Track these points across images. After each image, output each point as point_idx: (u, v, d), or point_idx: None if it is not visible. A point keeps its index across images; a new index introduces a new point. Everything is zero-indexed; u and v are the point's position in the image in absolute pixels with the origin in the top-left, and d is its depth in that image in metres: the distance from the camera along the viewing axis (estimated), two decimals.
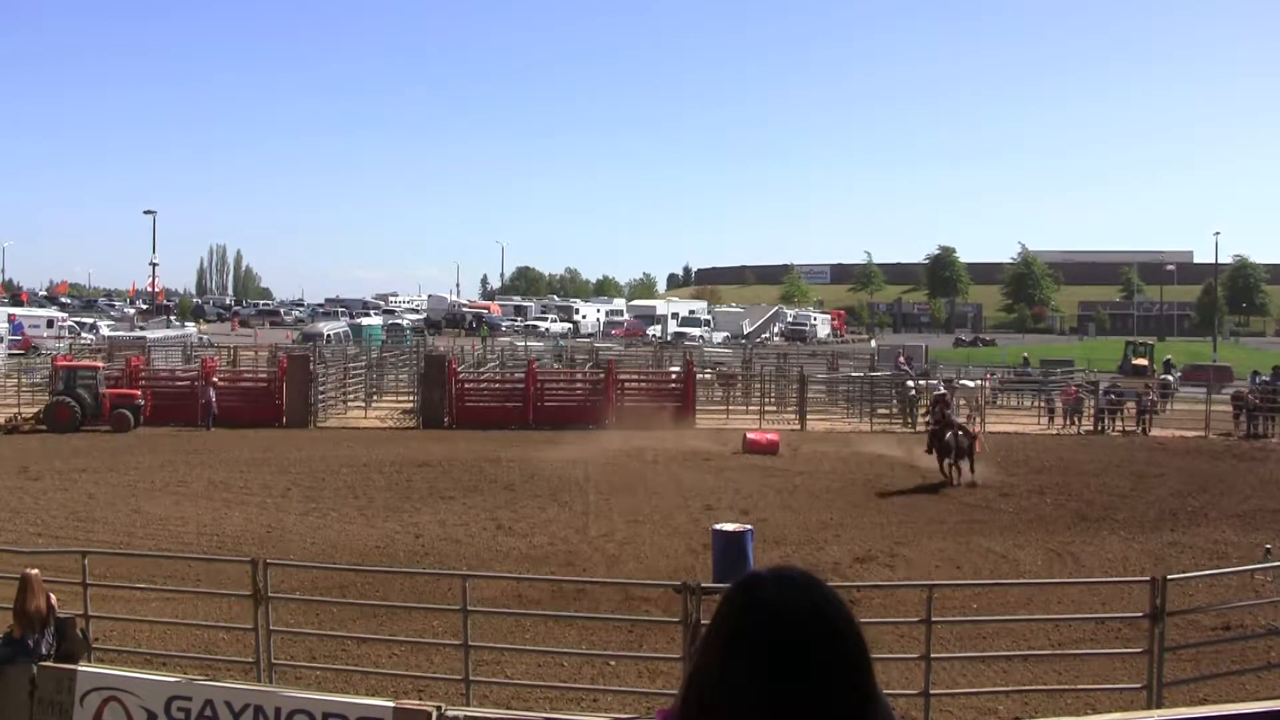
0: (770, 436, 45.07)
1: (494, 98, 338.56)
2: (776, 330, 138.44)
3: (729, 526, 24.61)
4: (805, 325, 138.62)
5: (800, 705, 2.44)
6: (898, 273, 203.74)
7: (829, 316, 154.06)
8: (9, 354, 76.15)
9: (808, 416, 53.39)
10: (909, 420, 54.78)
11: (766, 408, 56.24)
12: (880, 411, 56.10)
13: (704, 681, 2.53)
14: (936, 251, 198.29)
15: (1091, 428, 54.13)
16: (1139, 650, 16.38)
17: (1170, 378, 70.97)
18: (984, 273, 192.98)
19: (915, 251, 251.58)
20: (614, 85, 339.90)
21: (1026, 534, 29.31)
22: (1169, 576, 16.11)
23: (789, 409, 55.48)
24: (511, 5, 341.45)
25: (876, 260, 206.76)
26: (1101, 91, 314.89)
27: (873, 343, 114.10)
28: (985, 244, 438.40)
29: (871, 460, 41.67)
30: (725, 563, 23.16)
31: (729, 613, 2.57)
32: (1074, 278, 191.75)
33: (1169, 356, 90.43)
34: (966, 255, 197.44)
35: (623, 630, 19.96)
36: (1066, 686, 17.15)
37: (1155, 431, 53.21)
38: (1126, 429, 54.02)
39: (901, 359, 73.67)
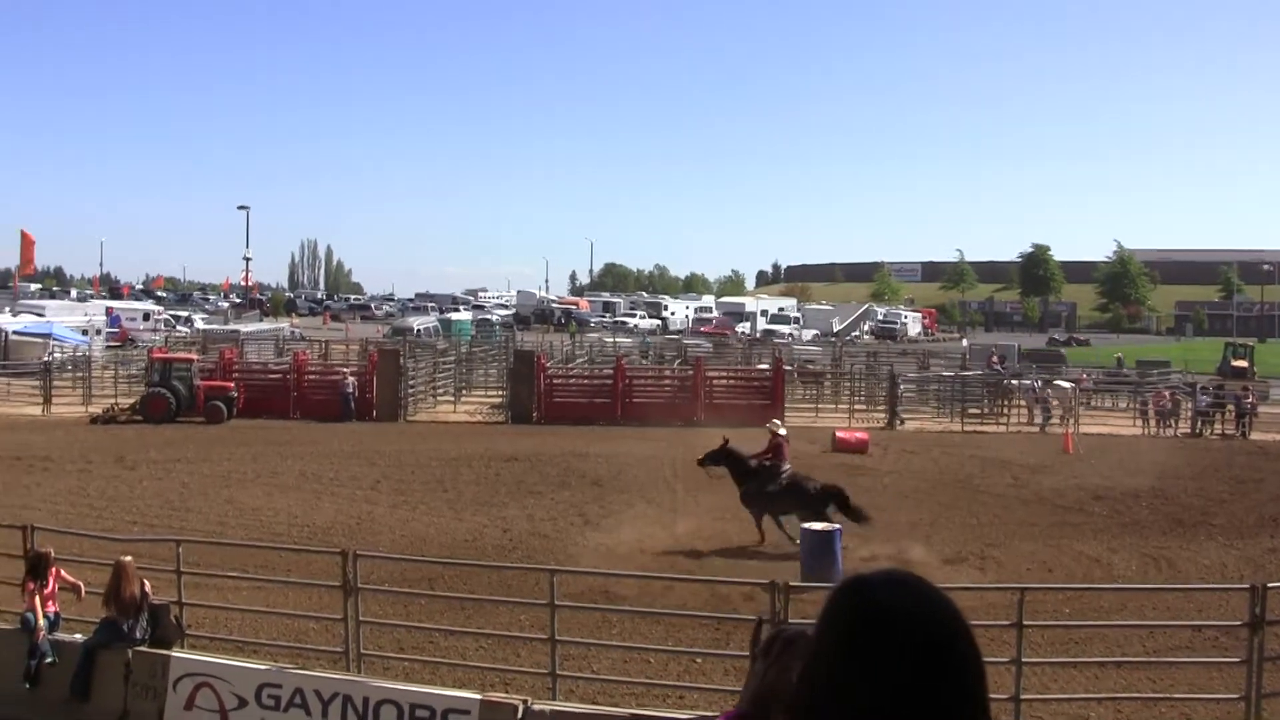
0: (860, 435, 44.81)
1: (584, 94, 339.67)
2: (866, 328, 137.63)
3: (817, 525, 24.53)
4: (895, 323, 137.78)
5: (916, 709, 2.42)
6: (990, 271, 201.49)
7: (920, 315, 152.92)
8: (106, 346, 77.09)
9: (898, 416, 53.02)
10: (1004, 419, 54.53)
11: (856, 406, 55.96)
12: (971, 411, 55.64)
13: (813, 685, 2.52)
14: (1030, 249, 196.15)
15: (1189, 431, 53.32)
16: (1237, 660, 16.13)
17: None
18: (1078, 271, 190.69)
19: (1008, 249, 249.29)
20: (704, 82, 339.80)
21: (1121, 538, 28.91)
22: (1269, 584, 15.83)
23: (879, 408, 55.17)
24: (597, 2, 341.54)
25: (969, 258, 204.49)
26: (1201, 86, 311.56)
27: (964, 341, 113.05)
28: (1080, 242, 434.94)
29: (963, 460, 41.31)
30: (813, 561, 23.09)
31: (839, 615, 2.55)
32: (1171, 277, 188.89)
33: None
34: (1060, 253, 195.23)
35: (709, 628, 19.88)
36: (1161, 695, 16.94)
37: (1255, 435, 52.38)
38: (1225, 432, 53.26)
39: (995, 358, 73.12)
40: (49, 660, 17.34)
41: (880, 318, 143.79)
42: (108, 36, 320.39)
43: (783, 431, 29.89)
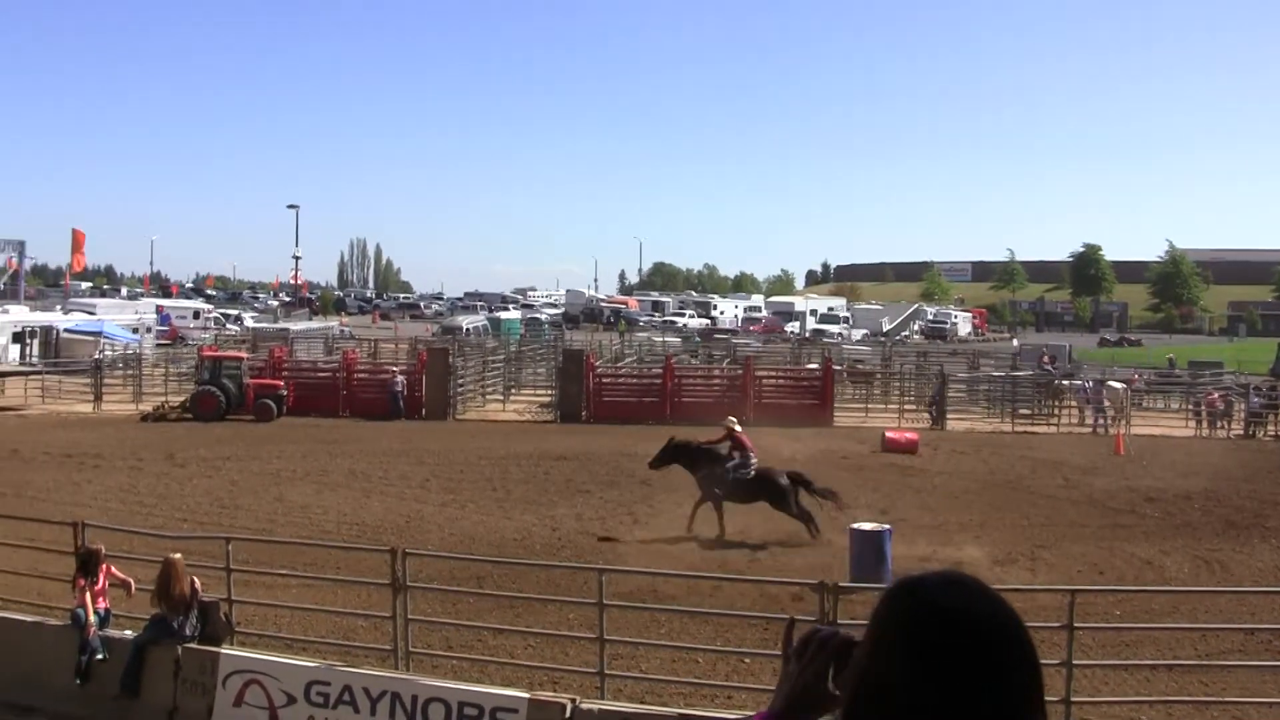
0: (909, 436, 44.62)
1: (633, 94, 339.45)
2: (916, 328, 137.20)
3: (867, 526, 24.42)
4: (946, 323, 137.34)
5: (973, 710, 2.38)
6: (1041, 270, 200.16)
7: (970, 314, 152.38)
8: (157, 344, 77.58)
9: (947, 416, 52.79)
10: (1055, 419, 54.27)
11: (906, 406, 55.76)
12: (1022, 412, 55.34)
13: (867, 685, 2.48)
14: (1081, 249, 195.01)
15: (1241, 432, 52.87)
16: None
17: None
18: (1130, 271, 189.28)
19: (1059, 249, 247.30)
20: (752, 82, 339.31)
21: (1173, 540, 28.69)
22: None
23: (931, 408, 54.94)
24: (649, 3, 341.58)
25: (1019, 257, 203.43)
26: (1255, 84, 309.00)
27: (1015, 341, 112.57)
28: (1131, 241, 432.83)
29: (1013, 461, 41.09)
30: (862, 562, 22.97)
31: (896, 616, 2.50)
32: (1223, 277, 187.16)
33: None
34: (1112, 253, 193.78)
35: (758, 628, 19.79)
36: (1213, 699, 16.79)
37: None
38: (1278, 434, 52.77)
39: (1046, 359, 72.75)
40: (99, 656, 17.43)
41: (930, 317, 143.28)
42: (157, 37, 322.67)
43: (738, 427, 30.44)
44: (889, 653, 2.46)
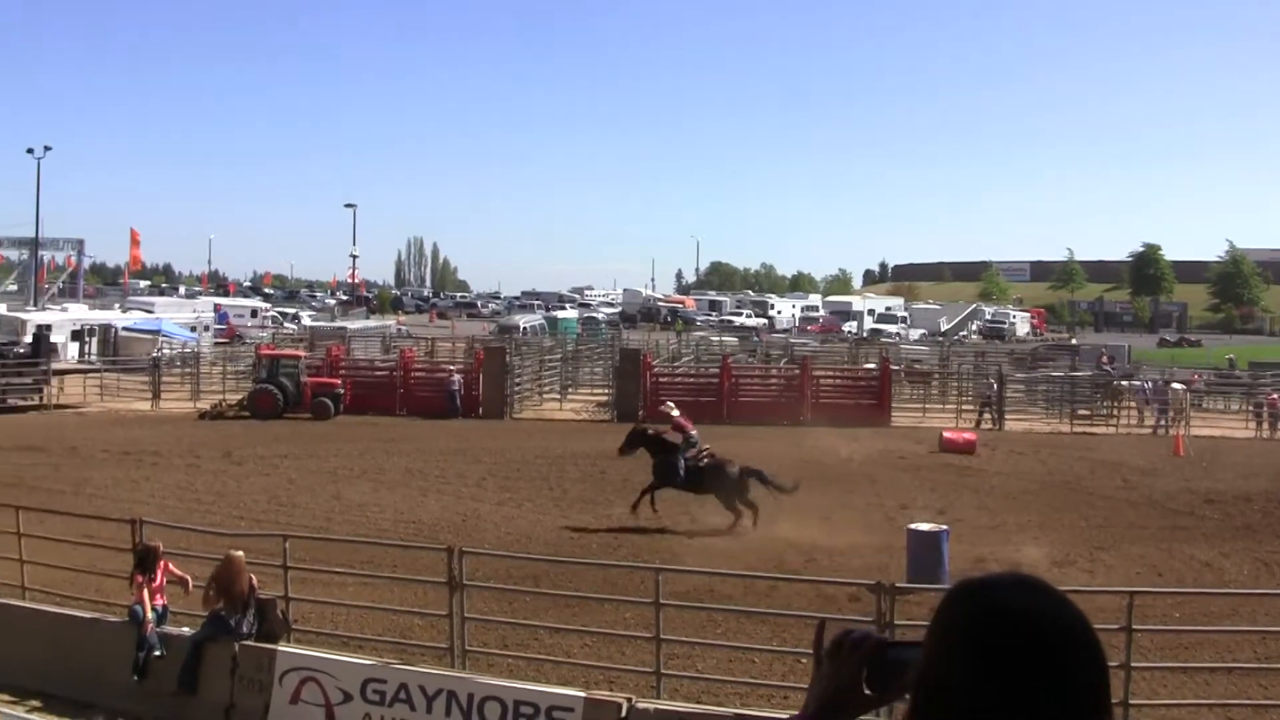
0: (967, 436, 44.42)
1: (690, 93, 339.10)
2: (974, 328, 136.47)
3: (924, 526, 24.30)
4: (1004, 323, 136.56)
5: (1040, 712, 2.34)
6: (1100, 270, 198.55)
7: (1028, 314, 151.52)
8: (215, 342, 78.06)
9: (1006, 416, 52.50)
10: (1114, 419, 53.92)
11: (964, 407, 55.49)
12: (1081, 413, 54.97)
13: (928, 687, 2.45)
14: (1140, 249, 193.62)
15: None
16: None
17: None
18: (1190, 271, 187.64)
19: (1118, 249, 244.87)
20: (811, 81, 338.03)
21: (1232, 542, 28.44)
22: None
23: (991, 409, 54.62)
24: (707, 2, 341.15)
25: (1078, 257, 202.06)
26: None
27: (1073, 341, 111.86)
28: (1191, 241, 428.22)
29: (1071, 462, 40.82)
30: (920, 563, 22.84)
31: (960, 616, 2.46)
32: None
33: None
34: (1172, 253, 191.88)
35: (814, 628, 19.70)
36: (1273, 702, 16.68)
37: None
38: None
39: (1104, 359, 72.32)
40: (156, 653, 17.55)
41: (988, 317, 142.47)
42: (215, 37, 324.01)
43: (675, 412, 32.80)
44: (952, 654, 2.42)
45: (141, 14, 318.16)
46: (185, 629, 18.15)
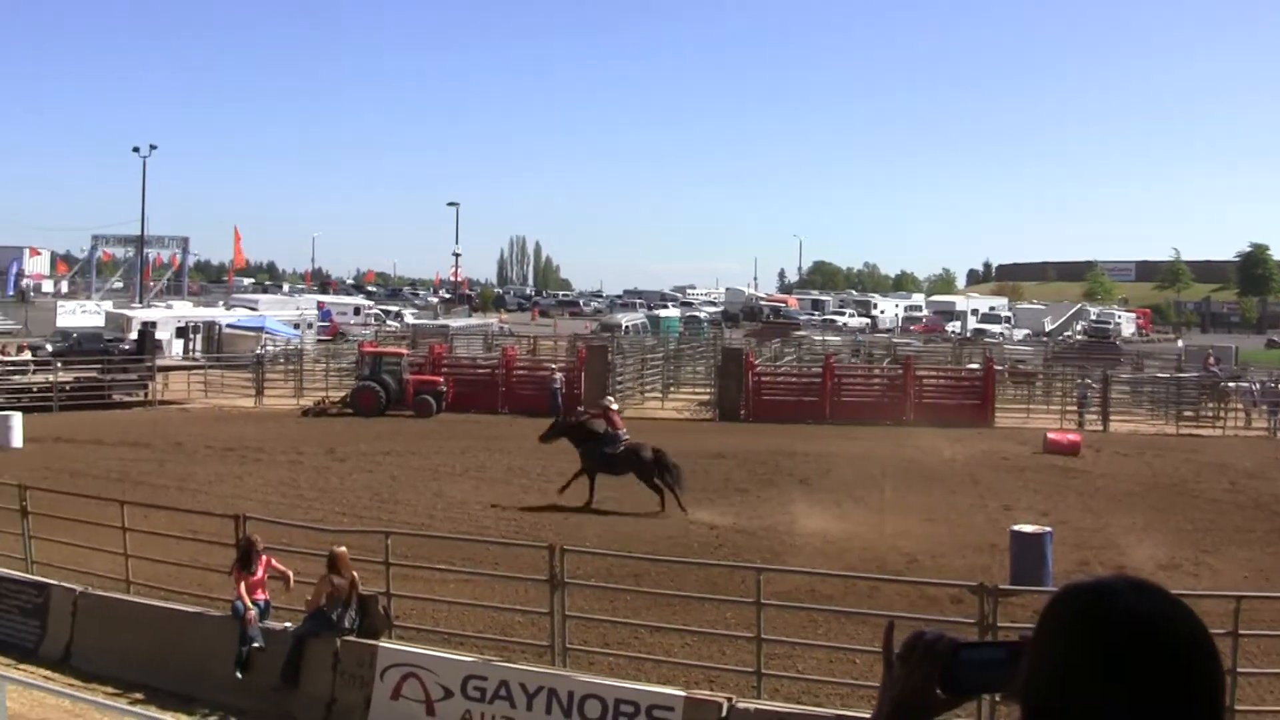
0: (1072, 437, 43.87)
1: (794, 91, 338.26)
2: (1079, 328, 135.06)
3: (1028, 528, 24.04)
4: (1109, 323, 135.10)
5: (1157, 716, 2.26)
6: (1206, 270, 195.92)
7: (1133, 315, 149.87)
8: (317, 340, 78.70)
9: (1110, 418, 51.86)
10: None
11: (1068, 408, 54.85)
12: (1186, 414, 54.19)
13: (1043, 691, 2.37)
14: (1248, 248, 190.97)
15: None
16: None
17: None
18: None
19: (1225, 248, 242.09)
20: (915, 80, 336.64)
21: None
22: None
23: (1090, 409, 53.97)
24: (809, 3, 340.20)
25: (1184, 257, 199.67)
26: None
27: (1179, 342, 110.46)
28: None
29: (1177, 464, 40.24)
30: (1023, 565, 22.59)
31: (1079, 619, 2.38)
32: None
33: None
34: None
35: (916, 629, 19.55)
36: None
37: None
38: None
39: (1210, 360, 71.35)
40: (257, 645, 17.68)
41: (1093, 317, 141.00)
42: (318, 36, 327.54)
43: (615, 406, 34.70)
44: (1069, 658, 2.35)
45: (246, 13, 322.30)
46: (287, 624, 18.29)
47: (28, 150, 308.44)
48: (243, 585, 17.96)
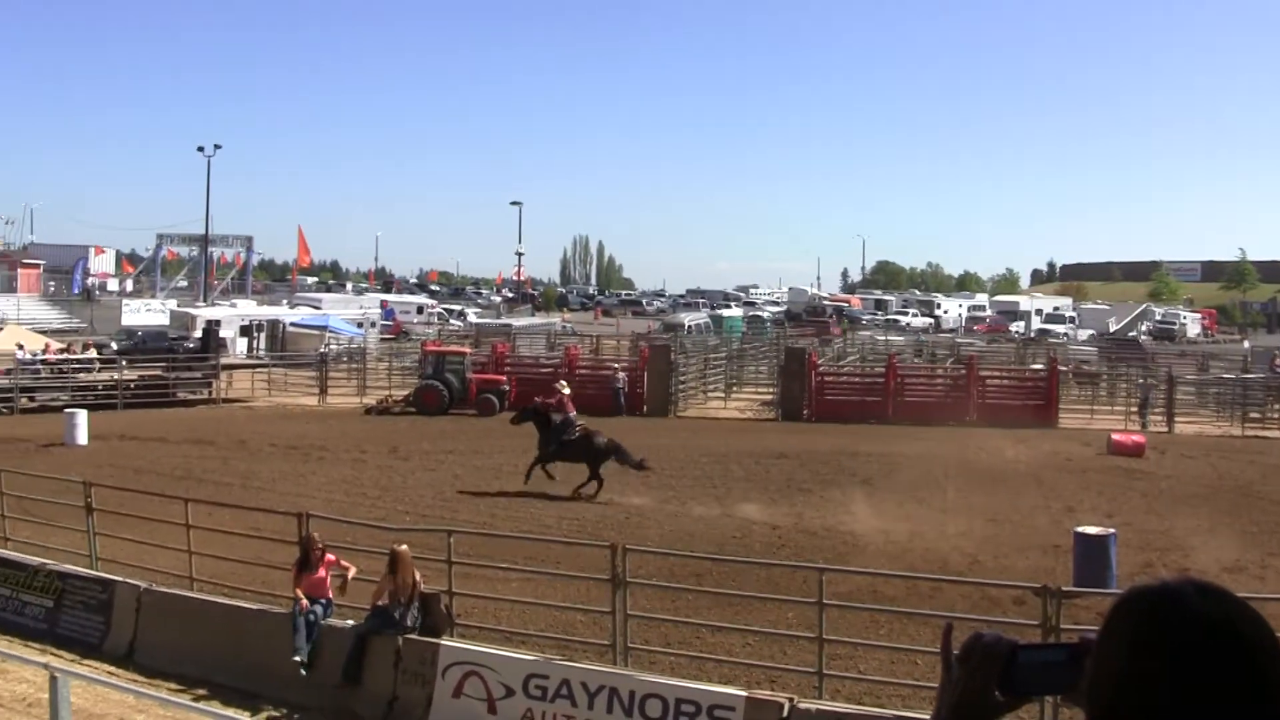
0: (1137, 438, 43.53)
1: (857, 91, 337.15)
2: (1144, 329, 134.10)
3: (1091, 530, 23.87)
4: (1174, 324, 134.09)
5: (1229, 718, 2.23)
6: (1273, 270, 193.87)
7: (1199, 315, 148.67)
8: (381, 338, 79.12)
9: (1175, 419, 51.44)
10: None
11: (1132, 409, 54.46)
12: (1253, 416, 53.65)
13: (1110, 696, 2.35)
14: None
15: None
16: None
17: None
18: None
19: None
20: (977, 80, 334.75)
21: None
22: None
23: (1155, 411, 53.55)
24: (873, 3, 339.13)
25: (1251, 257, 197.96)
26: None
27: (1245, 343, 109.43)
28: None
29: (1243, 466, 39.86)
30: (1086, 567, 22.45)
31: (1145, 621, 2.36)
32: None
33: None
34: None
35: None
36: None
37: None
38: None
39: (1277, 361, 70.64)
40: (313, 637, 17.81)
41: (1158, 318, 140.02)
42: (381, 35, 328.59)
43: (566, 391, 36.09)
44: (1138, 661, 2.32)
45: (308, 13, 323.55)
46: (349, 621, 18.38)
47: (93, 150, 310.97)
48: (307, 583, 18.08)
